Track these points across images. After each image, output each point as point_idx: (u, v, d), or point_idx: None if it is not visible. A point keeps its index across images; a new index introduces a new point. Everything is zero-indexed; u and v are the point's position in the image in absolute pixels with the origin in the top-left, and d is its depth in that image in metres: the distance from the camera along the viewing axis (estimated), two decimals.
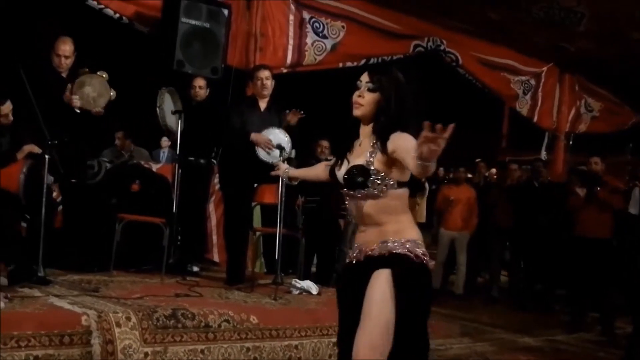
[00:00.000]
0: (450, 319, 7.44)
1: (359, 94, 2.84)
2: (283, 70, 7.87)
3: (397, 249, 2.75)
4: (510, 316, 8.01)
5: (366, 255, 2.82)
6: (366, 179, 2.77)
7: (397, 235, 2.79)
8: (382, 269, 2.73)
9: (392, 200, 2.80)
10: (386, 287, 2.70)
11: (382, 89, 2.82)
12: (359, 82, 2.86)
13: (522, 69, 10.63)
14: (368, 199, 2.80)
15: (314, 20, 8.25)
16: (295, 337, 4.65)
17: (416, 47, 9.23)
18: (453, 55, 9.60)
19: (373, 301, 2.70)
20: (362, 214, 2.85)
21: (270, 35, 7.89)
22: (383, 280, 2.71)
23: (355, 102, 2.84)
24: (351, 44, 8.57)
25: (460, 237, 9.21)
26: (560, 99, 11.27)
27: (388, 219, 2.81)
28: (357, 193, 2.82)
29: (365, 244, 2.85)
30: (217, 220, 7.35)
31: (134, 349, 3.95)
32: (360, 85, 2.85)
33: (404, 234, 2.80)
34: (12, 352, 3.59)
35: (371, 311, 2.69)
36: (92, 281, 5.25)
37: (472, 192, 9.35)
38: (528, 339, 6.87)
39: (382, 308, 2.68)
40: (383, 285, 2.70)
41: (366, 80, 2.85)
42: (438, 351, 5.92)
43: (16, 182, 4.92)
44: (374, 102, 2.82)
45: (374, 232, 2.83)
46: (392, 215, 2.81)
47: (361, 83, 2.85)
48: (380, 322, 2.67)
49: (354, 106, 2.85)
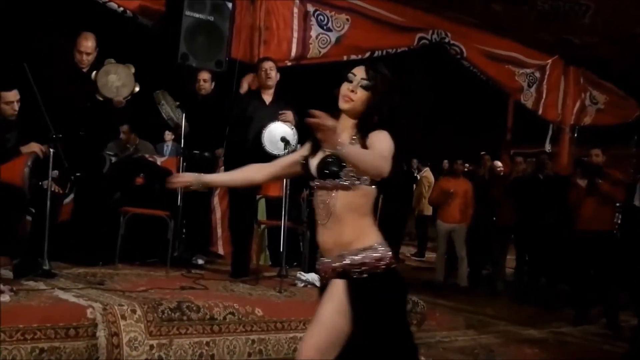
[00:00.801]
0: (455, 312, 7.46)
1: (352, 89, 2.76)
2: (287, 63, 7.85)
3: (354, 261, 2.70)
4: (515, 309, 8.02)
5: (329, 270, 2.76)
6: (341, 169, 2.68)
7: (354, 244, 2.72)
8: (338, 280, 2.71)
9: (360, 197, 2.74)
10: (341, 298, 2.68)
11: (376, 88, 2.76)
12: (351, 76, 2.78)
13: (526, 62, 10.59)
14: (338, 191, 2.72)
15: (318, 13, 8.23)
16: (300, 330, 4.64)
17: (421, 39, 9.20)
18: (457, 48, 9.57)
19: (326, 308, 2.70)
20: (327, 209, 2.74)
21: (275, 28, 7.87)
22: (339, 290, 2.69)
23: (345, 96, 2.77)
24: (356, 36, 8.54)
25: (458, 229, 9.23)
26: (565, 92, 11.23)
27: (351, 218, 2.73)
28: (328, 183, 2.73)
29: (324, 253, 2.79)
30: (222, 213, 7.36)
31: (140, 341, 3.97)
32: (352, 79, 2.77)
33: (362, 240, 2.73)
34: (17, 345, 3.61)
35: (323, 317, 2.70)
36: (98, 274, 5.27)
37: (469, 185, 9.38)
38: (533, 331, 6.88)
39: (335, 317, 2.67)
40: (338, 296, 2.68)
41: (362, 76, 2.77)
42: (443, 343, 5.95)
43: (20, 176, 4.92)
44: (365, 100, 2.75)
45: (334, 236, 2.75)
46: (355, 214, 2.74)
47: (355, 77, 2.77)
48: (329, 327, 2.67)
49: (342, 99, 2.77)
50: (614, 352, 6.37)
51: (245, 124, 5.77)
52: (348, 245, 2.72)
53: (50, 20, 7.88)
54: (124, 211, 5.88)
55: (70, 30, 6.03)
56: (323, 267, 2.80)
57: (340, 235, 2.74)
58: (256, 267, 6.16)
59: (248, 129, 5.72)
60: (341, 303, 2.67)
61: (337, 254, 2.74)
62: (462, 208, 9.22)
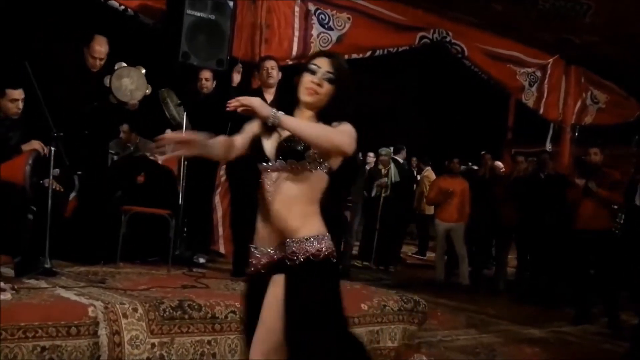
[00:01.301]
0: (456, 311, 7.45)
1: (317, 82, 2.63)
2: (289, 62, 7.86)
3: (295, 252, 2.59)
4: (516, 308, 8.02)
5: (267, 262, 2.69)
6: (305, 150, 2.57)
7: (298, 232, 2.60)
8: (278, 275, 2.62)
9: (314, 183, 2.64)
10: (281, 293, 2.59)
11: (340, 82, 2.66)
12: (315, 67, 2.65)
13: (527, 61, 10.61)
14: (294, 174, 2.62)
15: (319, 12, 8.24)
16: None
17: (422, 38, 9.21)
18: (459, 47, 9.58)
19: (268, 308, 2.61)
20: (279, 192, 2.62)
21: (276, 27, 7.88)
22: (279, 286, 2.60)
23: (310, 89, 2.64)
24: (357, 35, 8.55)
25: (456, 228, 9.24)
26: (566, 91, 11.25)
27: (301, 205, 2.62)
28: (284, 165, 2.61)
29: (264, 242, 2.69)
30: (223, 211, 7.35)
31: (141, 339, 3.96)
32: (316, 71, 2.65)
33: (309, 228, 2.62)
34: (19, 343, 3.59)
35: (269, 318, 2.60)
36: (99, 273, 5.26)
37: (465, 184, 9.39)
38: (533, 330, 6.87)
39: (278, 314, 2.57)
40: (278, 291, 2.59)
41: (327, 69, 2.65)
42: (444, 342, 5.94)
43: (22, 174, 4.91)
44: (330, 93, 2.66)
45: (281, 223, 2.62)
46: (306, 200, 2.63)
47: (319, 70, 2.65)
48: (274, 328, 2.58)
49: (306, 91, 2.65)
50: (614, 351, 6.37)
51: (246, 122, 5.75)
52: (294, 232, 2.61)
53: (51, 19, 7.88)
54: (125, 210, 5.88)
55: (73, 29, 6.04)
56: (261, 258, 2.70)
57: (286, 221, 2.62)
58: None
59: None
60: (280, 299, 2.58)
61: (280, 241, 2.64)
62: (459, 207, 9.23)
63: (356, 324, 4.93)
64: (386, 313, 5.15)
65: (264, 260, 2.70)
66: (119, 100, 5.78)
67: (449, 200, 9.24)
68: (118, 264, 5.70)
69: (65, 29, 5.90)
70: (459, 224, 9.23)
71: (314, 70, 2.65)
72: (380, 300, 5.22)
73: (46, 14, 7.86)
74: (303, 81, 2.66)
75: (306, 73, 2.66)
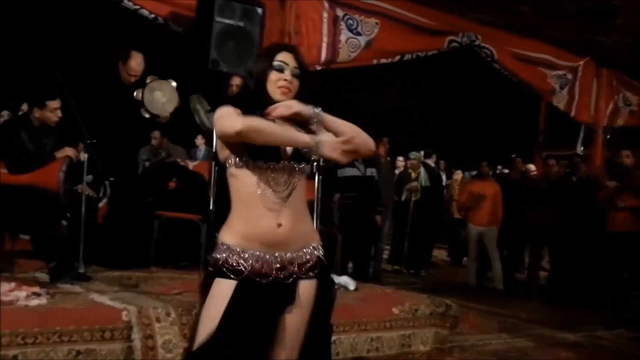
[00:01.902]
0: (488, 315, 7.40)
1: (289, 79, 2.50)
2: (317, 68, 7.87)
3: (310, 259, 2.52)
4: (550, 312, 7.93)
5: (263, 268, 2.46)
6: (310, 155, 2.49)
7: (312, 239, 2.56)
8: (310, 280, 2.52)
9: (304, 186, 2.56)
10: (307, 300, 2.51)
11: (303, 77, 2.55)
12: (282, 64, 2.50)
13: (558, 64, 10.50)
14: (301, 179, 2.51)
15: (347, 17, 8.24)
16: (333, 333, 4.64)
17: (451, 42, 9.16)
18: (488, 51, 9.51)
19: (302, 315, 2.50)
20: (291, 195, 2.47)
21: (304, 33, 7.89)
22: (312, 292, 2.52)
23: (284, 87, 2.49)
24: (385, 40, 8.53)
25: (488, 232, 9.19)
26: (597, 93, 11.10)
27: (305, 210, 2.56)
28: (299, 168, 2.50)
29: (256, 246, 2.46)
30: None
31: (174, 343, 3.99)
32: (284, 68, 2.50)
33: (316, 235, 2.60)
34: (54, 347, 3.65)
35: (295, 324, 2.49)
36: (132, 277, 5.32)
37: (497, 187, 9.33)
38: (568, 334, 6.78)
39: (305, 320, 2.52)
40: (305, 299, 2.50)
41: (294, 64, 2.52)
42: (476, 346, 5.90)
43: (55, 180, 4.99)
44: (297, 88, 2.53)
45: (292, 228, 2.48)
46: (305, 203, 2.58)
47: (287, 66, 2.51)
48: (301, 335, 2.51)
49: (280, 90, 2.49)
50: None
51: None
52: (310, 239, 2.55)
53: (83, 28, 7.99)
54: (157, 215, 5.94)
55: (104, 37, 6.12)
56: (254, 263, 2.45)
57: (298, 227, 2.50)
58: None
59: None
60: (310, 304, 2.53)
61: (284, 247, 2.49)
62: (491, 210, 9.17)
63: (387, 327, 4.94)
64: (418, 317, 5.15)
65: (257, 265, 2.45)
66: (151, 113, 5.85)
67: (481, 204, 9.18)
68: (150, 269, 5.76)
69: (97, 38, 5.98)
70: (491, 227, 9.18)
71: (282, 68, 2.51)
72: (411, 304, 5.21)
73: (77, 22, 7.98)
74: (272, 80, 2.50)
75: (273, 72, 2.50)
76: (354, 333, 4.75)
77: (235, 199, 2.52)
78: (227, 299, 2.41)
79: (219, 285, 2.45)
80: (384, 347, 4.89)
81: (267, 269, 2.46)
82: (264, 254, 2.46)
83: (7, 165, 5.03)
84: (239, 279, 2.43)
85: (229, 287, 2.43)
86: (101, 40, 7.27)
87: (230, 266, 2.44)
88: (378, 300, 5.38)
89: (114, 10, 7.09)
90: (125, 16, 7.04)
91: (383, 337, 4.90)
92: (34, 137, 5.20)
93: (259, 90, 2.52)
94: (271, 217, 2.45)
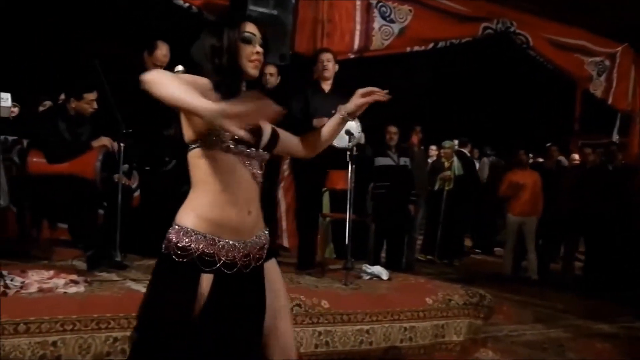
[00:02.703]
0: (523, 305, 7.34)
1: (259, 52, 2.34)
2: (350, 56, 7.86)
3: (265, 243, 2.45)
4: (585, 302, 7.84)
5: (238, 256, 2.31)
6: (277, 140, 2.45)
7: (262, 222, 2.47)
8: (270, 260, 2.46)
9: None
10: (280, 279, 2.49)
11: (266, 47, 2.41)
12: (251, 35, 2.33)
13: (595, 50, 10.35)
14: (264, 163, 2.44)
15: (380, 5, 8.20)
16: (366, 322, 4.65)
17: (485, 29, 9.08)
18: (523, 37, 9.41)
19: (284, 294, 2.49)
20: (251, 183, 2.36)
21: (337, 21, 7.87)
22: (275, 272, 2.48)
23: (257, 60, 2.34)
24: (419, 27, 8.48)
25: (528, 222, 9.11)
26: (636, 80, 10.93)
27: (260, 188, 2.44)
28: (266, 154, 2.43)
29: (232, 234, 2.30)
30: (287, 205, 7.40)
31: None
32: (253, 40, 2.34)
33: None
34: (92, 334, 3.70)
35: (286, 304, 2.50)
36: None
37: (537, 176, 9.22)
38: (603, 325, 6.71)
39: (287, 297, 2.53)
40: (278, 277, 2.48)
41: (259, 35, 2.37)
42: (511, 337, 5.87)
43: (92, 169, 5.05)
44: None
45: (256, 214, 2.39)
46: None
47: (255, 38, 2.35)
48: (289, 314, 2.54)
49: (253, 64, 2.34)
50: None
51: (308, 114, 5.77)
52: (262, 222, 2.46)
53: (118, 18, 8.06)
54: None
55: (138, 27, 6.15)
56: (232, 253, 2.30)
57: (257, 211, 2.39)
58: (321, 259, 6.18)
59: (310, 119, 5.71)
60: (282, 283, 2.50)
61: (251, 233, 2.38)
62: (532, 200, 9.07)
63: (421, 317, 4.92)
64: (451, 307, 5.12)
65: (235, 254, 2.30)
66: None
67: (520, 194, 9.09)
68: None
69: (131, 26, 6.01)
70: (531, 217, 9.09)
71: (251, 39, 2.34)
72: (445, 294, 5.19)
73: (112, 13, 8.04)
74: (245, 53, 2.32)
75: (243, 45, 2.32)
76: (387, 323, 4.75)
77: (202, 183, 2.31)
78: (203, 294, 2.23)
79: (189, 276, 2.24)
80: (417, 337, 4.88)
81: (236, 258, 2.30)
82: (232, 242, 2.30)
83: (45, 155, 5.10)
84: (213, 271, 2.26)
85: (206, 281, 2.24)
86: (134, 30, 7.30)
87: (206, 256, 2.25)
88: (411, 290, 5.37)
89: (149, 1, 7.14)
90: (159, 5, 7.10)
91: (416, 327, 4.88)
92: (71, 127, 5.26)
93: (234, 64, 2.32)
94: (243, 204, 2.32)
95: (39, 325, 3.56)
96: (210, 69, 2.32)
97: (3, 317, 3.47)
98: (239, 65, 2.33)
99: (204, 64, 2.34)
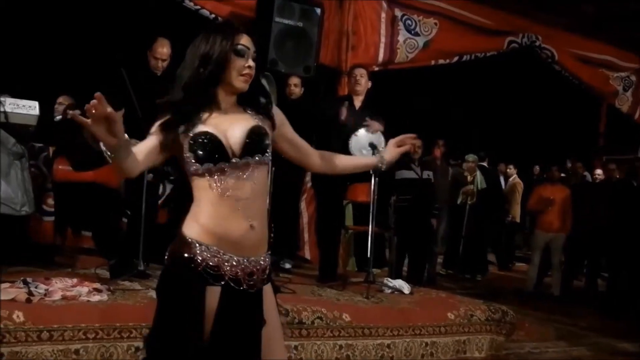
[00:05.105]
0: (545, 322, 7.26)
1: (250, 65, 2.27)
2: (375, 68, 7.85)
3: (265, 268, 2.32)
4: (608, 321, 7.74)
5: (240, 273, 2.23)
6: (268, 142, 2.31)
7: (265, 244, 2.33)
8: (267, 285, 2.35)
9: (266, 177, 2.35)
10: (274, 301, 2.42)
11: (258, 60, 2.35)
12: (244, 49, 2.26)
13: (621, 65, 10.28)
14: (258, 171, 2.26)
15: (405, 18, 8.21)
16: (387, 336, 4.64)
17: (510, 43, 9.05)
18: (549, 52, 9.38)
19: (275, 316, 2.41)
20: (249, 194, 2.23)
21: (362, 33, 7.89)
22: (272, 295, 2.40)
23: (248, 75, 2.27)
24: (444, 41, 8.48)
25: (556, 239, 8.99)
26: None
27: (264, 206, 2.33)
28: (253, 160, 2.24)
29: (230, 248, 2.21)
30: (309, 217, 7.41)
31: None
32: (246, 53, 2.27)
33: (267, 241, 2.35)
34: (115, 343, 3.72)
35: (279, 327, 2.44)
36: None
37: (566, 192, 9.11)
38: (626, 344, 6.62)
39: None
40: (273, 300, 2.40)
41: (253, 49, 2.30)
42: (533, 354, 5.81)
43: (116, 178, 5.09)
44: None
45: (259, 230, 2.26)
46: (266, 199, 2.43)
47: (248, 51, 2.27)
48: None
49: (243, 78, 2.28)
50: None
51: (336, 128, 5.78)
52: (265, 244, 2.32)
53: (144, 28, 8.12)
54: None
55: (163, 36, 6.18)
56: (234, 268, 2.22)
57: (262, 228, 2.28)
58: (343, 272, 6.17)
59: (338, 133, 5.72)
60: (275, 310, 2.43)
61: (251, 251, 2.27)
62: (561, 216, 8.94)
63: (442, 333, 4.89)
64: (473, 323, 5.09)
65: (239, 270, 2.22)
66: None
67: (549, 209, 8.99)
68: None
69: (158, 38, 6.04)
70: (559, 234, 8.97)
71: (244, 53, 2.27)
72: (467, 309, 5.15)
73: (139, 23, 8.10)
74: (236, 66, 2.26)
75: (236, 58, 2.26)
76: (408, 337, 4.73)
77: (201, 197, 2.24)
78: (210, 307, 2.18)
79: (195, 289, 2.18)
80: (439, 352, 4.85)
81: (239, 274, 2.22)
82: (236, 257, 2.22)
83: (71, 163, 5.15)
84: (221, 285, 2.20)
85: (213, 295, 2.19)
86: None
87: (211, 269, 2.19)
88: (433, 305, 5.34)
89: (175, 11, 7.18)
90: (186, 16, 7.14)
91: (438, 342, 4.86)
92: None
93: (214, 76, 2.25)
94: (241, 217, 2.21)
95: (62, 333, 3.58)
96: (186, 77, 2.26)
97: (27, 324, 3.49)
98: (217, 79, 2.27)
99: (182, 71, 2.30)
